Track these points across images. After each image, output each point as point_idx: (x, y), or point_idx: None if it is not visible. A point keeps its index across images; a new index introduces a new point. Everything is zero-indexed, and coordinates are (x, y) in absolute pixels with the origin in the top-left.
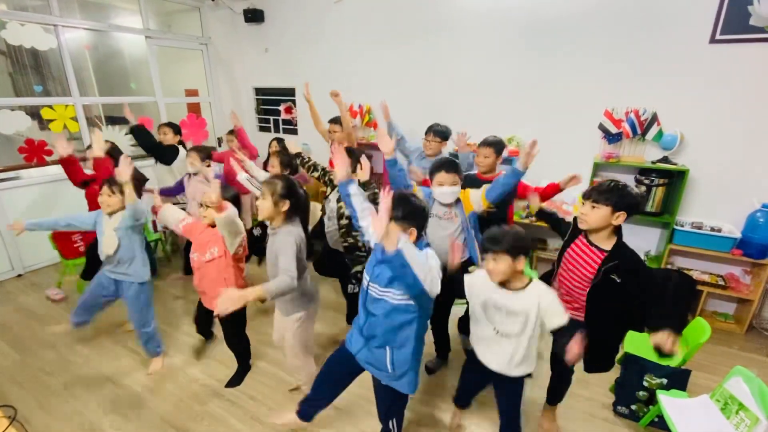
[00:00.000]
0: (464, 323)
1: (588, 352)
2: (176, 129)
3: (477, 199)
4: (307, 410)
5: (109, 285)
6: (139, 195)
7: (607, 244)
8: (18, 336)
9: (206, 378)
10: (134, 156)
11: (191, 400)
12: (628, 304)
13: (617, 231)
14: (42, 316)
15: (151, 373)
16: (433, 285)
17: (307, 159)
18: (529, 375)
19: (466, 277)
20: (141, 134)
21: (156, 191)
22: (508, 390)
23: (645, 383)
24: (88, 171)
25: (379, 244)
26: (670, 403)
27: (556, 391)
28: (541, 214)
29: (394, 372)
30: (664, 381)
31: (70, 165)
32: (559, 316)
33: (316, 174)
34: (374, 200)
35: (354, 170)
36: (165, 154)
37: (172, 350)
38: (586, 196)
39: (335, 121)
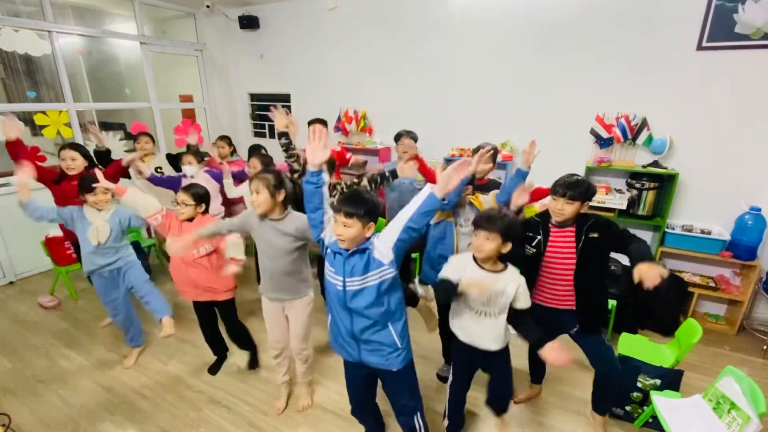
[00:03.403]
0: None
1: (583, 315)
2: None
3: (487, 203)
4: None
5: (113, 281)
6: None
7: (573, 219)
8: (10, 344)
9: (201, 384)
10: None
11: (186, 407)
12: (607, 258)
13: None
14: (34, 323)
15: (165, 336)
16: None
17: (291, 144)
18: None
19: (452, 257)
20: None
21: (145, 173)
22: (496, 363)
23: (639, 384)
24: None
25: (335, 245)
26: (663, 403)
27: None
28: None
29: (403, 345)
30: (658, 382)
31: (17, 148)
32: (526, 300)
33: (295, 164)
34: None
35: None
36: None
37: (165, 357)
38: (560, 193)
39: (318, 121)
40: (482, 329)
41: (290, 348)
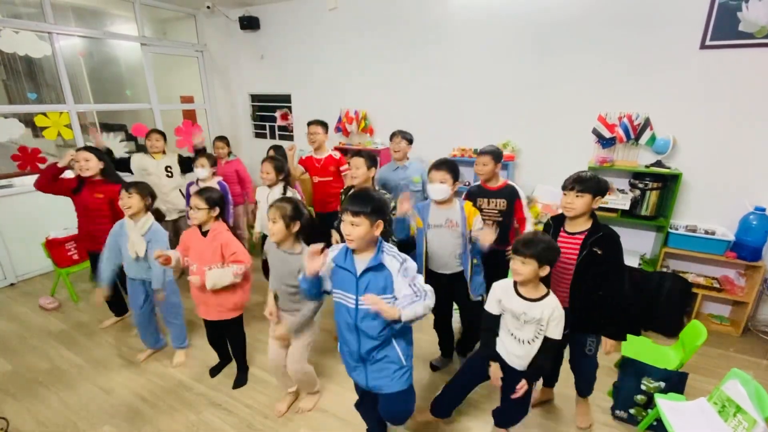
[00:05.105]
0: (463, 346)
1: (576, 318)
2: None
3: (477, 226)
4: None
5: (140, 290)
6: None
7: (585, 227)
8: (10, 346)
9: (202, 387)
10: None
11: (186, 410)
12: (606, 275)
13: (592, 214)
14: (34, 325)
15: (176, 366)
16: (431, 302)
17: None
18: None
19: (495, 285)
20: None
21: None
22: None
23: (643, 387)
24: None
25: (340, 258)
26: (667, 406)
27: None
28: None
29: (408, 364)
30: (662, 384)
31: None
32: (559, 330)
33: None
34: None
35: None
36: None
37: (166, 360)
38: (569, 187)
39: (317, 123)
40: (513, 349)
41: (287, 369)
